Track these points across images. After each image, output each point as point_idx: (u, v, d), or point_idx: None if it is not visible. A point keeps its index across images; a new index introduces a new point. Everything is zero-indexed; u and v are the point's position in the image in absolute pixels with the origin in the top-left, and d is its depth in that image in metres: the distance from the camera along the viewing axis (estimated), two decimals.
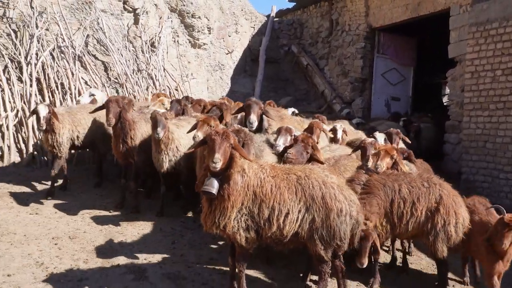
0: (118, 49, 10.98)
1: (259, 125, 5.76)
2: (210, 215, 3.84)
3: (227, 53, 15.11)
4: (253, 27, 16.17)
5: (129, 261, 4.87)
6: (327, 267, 4.07)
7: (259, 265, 4.94)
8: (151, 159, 6.17)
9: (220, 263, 4.97)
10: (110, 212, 6.34)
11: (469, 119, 9.31)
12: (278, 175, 3.97)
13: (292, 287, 4.64)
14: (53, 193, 6.69)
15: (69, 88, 9.40)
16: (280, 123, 6.25)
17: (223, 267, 4.85)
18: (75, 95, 9.19)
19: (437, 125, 10.93)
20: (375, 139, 6.19)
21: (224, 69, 14.80)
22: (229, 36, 15.13)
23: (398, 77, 14.21)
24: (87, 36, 10.70)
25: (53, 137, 6.63)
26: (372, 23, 13.64)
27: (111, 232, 5.65)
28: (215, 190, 3.70)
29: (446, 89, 16.52)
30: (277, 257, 5.12)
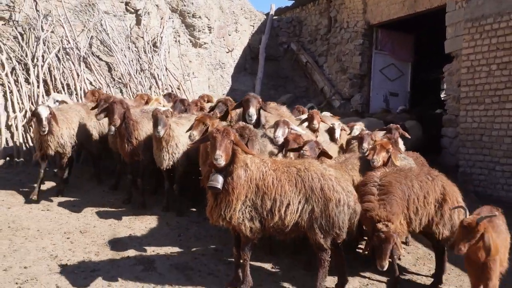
0: (121, 50, 11.21)
1: (257, 120, 5.83)
2: (216, 208, 4.06)
3: (228, 52, 15.32)
4: (253, 26, 16.36)
5: (138, 253, 5.11)
6: (327, 255, 4.28)
7: (262, 255, 5.16)
8: None
9: (225, 254, 5.20)
10: (118, 208, 6.56)
11: (466, 113, 9.53)
12: (279, 168, 4.20)
13: (294, 275, 4.86)
14: (63, 190, 6.91)
15: (75, 88, 9.63)
16: (278, 118, 6.40)
17: (228, 258, 5.09)
18: (81, 95, 9.41)
19: (420, 122, 10.85)
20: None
21: (224, 68, 15.01)
22: (229, 35, 15.34)
23: (396, 72, 14.42)
24: (91, 37, 10.93)
25: (54, 138, 6.49)
26: (370, 20, 13.84)
27: (120, 226, 5.88)
28: (220, 185, 3.92)
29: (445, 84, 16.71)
30: (280, 248, 5.36)
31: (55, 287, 4.23)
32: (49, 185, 7.30)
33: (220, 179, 3.94)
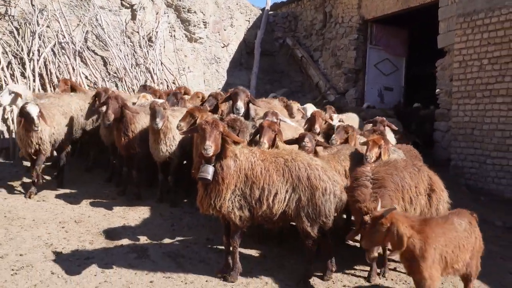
0: (116, 44, 11.30)
1: (247, 114, 5.92)
2: (206, 197, 4.17)
3: (223, 47, 15.40)
4: (248, 21, 16.43)
5: (131, 242, 5.22)
6: (314, 242, 4.42)
7: (252, 244, 5.29)
8: None
9: (216, 243, 5.32)
10: (112, 199, 6.68)
11: (458, 107, 9.65)
12: (267, 159, 4.32)
13: (282, 263, 4.98)
14: (62, 182, 7.05)
15: None
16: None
17: (219, 246, 5.21)
18: None
19: (399, 118, 10.80)
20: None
21: (220, 62, 15.10)
22: (225, 30, 15.41)
23: (390, 67, 14.53)
24: (87, 32, 11.02)
25: (37, 135, 6.27)
26: (364, 15, 13.94)
27: (114, 216, 6.00)
28: (210, 176, 4.03)
29: None
30: (269, 237, 5.49)
31: (50, 273, 4.33)
32: (45, 177, 7.40)
33: (210, 170, 4.04)
